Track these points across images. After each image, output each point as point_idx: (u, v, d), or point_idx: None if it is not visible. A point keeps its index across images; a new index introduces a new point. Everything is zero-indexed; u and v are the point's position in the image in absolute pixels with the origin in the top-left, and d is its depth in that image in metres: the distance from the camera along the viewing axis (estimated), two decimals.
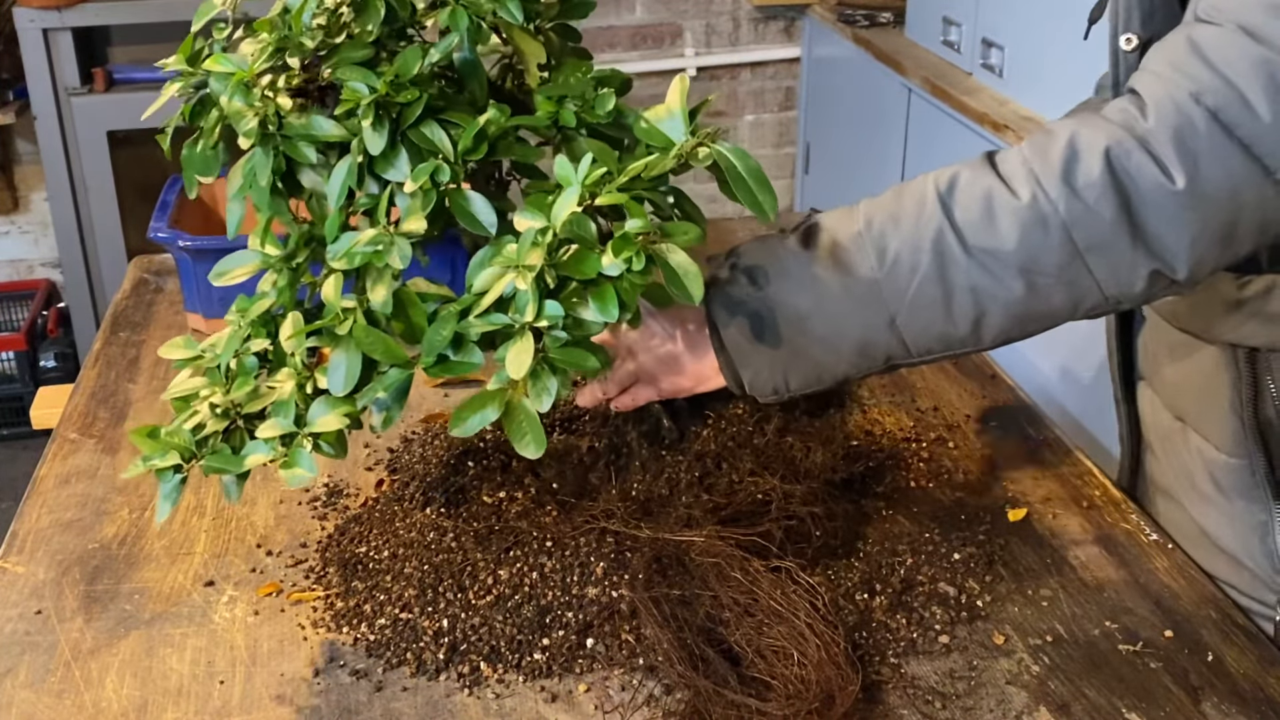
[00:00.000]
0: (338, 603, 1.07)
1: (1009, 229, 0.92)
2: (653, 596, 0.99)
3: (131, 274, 1.78)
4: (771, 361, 1.00)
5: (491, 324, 0.89)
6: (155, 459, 0.92)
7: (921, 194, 0.96)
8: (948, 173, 0.96)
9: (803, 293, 0.98)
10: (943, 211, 0.94)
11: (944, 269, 0.94)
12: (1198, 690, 0.98)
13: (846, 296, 0.97)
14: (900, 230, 0.96)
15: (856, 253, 0.97)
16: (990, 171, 0.94)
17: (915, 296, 0.95)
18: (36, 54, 3.18)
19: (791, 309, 0.98)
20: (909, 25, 3.20)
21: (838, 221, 0.99)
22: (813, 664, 0.94)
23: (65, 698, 0.97)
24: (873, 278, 0.96)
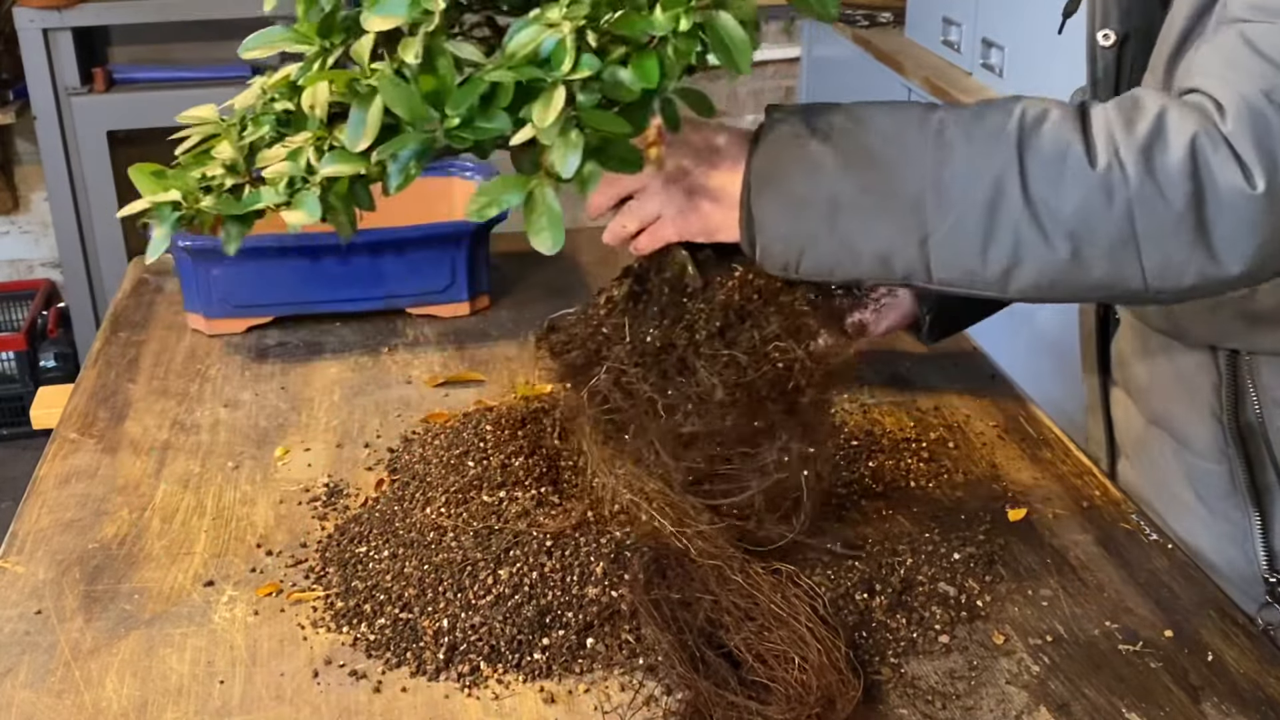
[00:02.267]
0: (338, 603, 1.07)
1: (1073, 190, 0.88)
2: (653, 599, 0.99)
3: (131, 274, 1.78)
4: (789, 236, 0.95)
5: (524, 74, 0.83)
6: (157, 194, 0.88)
7: (1003, 120, 0.90)
8: (1038, 106, 0.91)
9: (844, 181, 0.92)
10: (1018, 147, 0.89)
11: (996, 205, 0.89)
12: (1198, 690, 0.98)
13: (886, 200, 0.91)
14: (970, 147, 0.90)
15: (915, 154, 0.91)
16: (1078, 125, 0.89)
17: (956, 223, 0.90)
18: (36, 54, 3.18)
19: (827, 193, 0.92)
20: (909, 25, 3.20)
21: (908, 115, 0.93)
22: (814, 668, 0.93)
23: (65, 698, 0.97)
24: (920, 190, 0.90)
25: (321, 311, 1.60)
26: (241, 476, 1.27)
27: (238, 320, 1.57)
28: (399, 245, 1.56)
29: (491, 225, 1.60)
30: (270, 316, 1.59)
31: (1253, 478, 1.08)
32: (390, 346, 1.55)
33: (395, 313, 1.62)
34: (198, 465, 1.29)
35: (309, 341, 1.56)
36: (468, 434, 1.26)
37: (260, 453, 1.31)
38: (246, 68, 3.36)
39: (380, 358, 1.53)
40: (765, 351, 0.99)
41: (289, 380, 1.47)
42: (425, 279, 1.59)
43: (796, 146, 0.94)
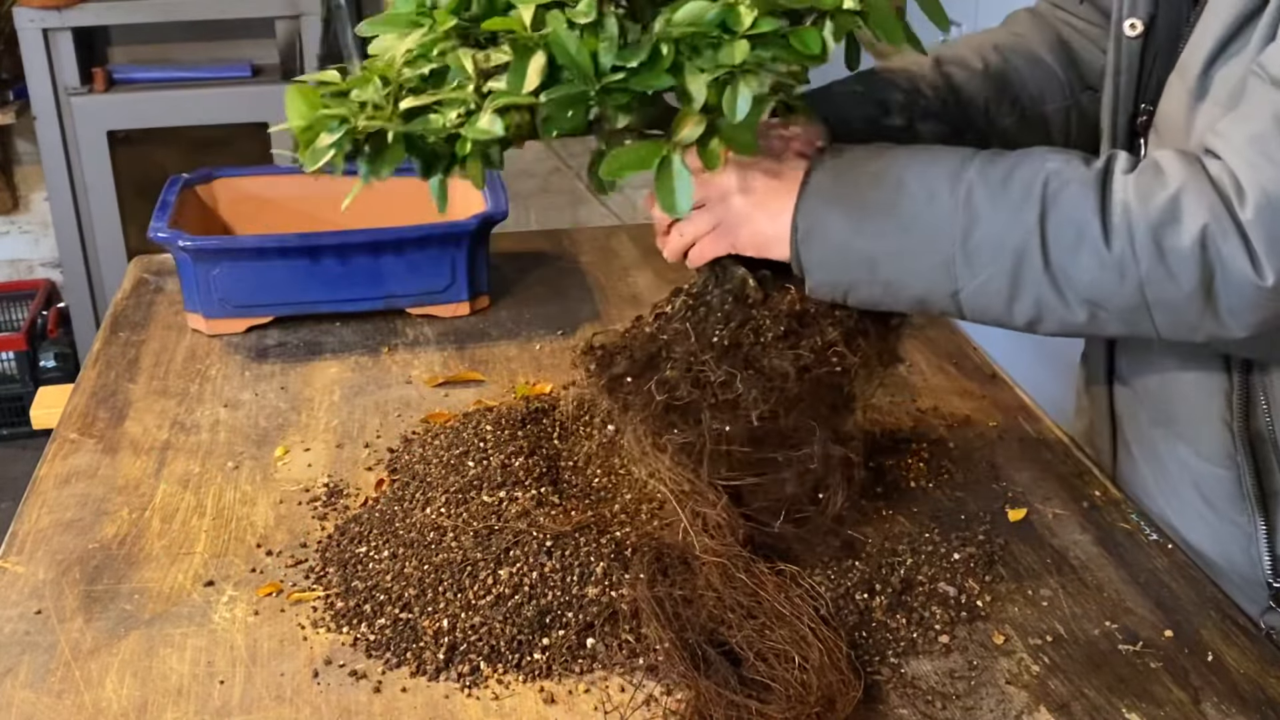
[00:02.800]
0: (338, 603, 1.07)
1: (1089, 265, 0.94)
2: (655, 595, 0.99)
3: (131, 274, 1.78)
4: (833, 281, 1.03)
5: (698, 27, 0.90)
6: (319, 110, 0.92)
7: (1028, 190, 0.96)
8: (1063, 175, 0.96)
9: (880, 241, 1.00)
10: (1040, 218, 0.95)
11: (1019, 271, 0.96)
12: (1198, 690, 0.98)
13: (919, 260, 0.99)
14: (994, 217, 0.96)
15: (945, 220, 0.98)
16: (1096, 197, 0.94)
17: (984, 283, 0.98)
18: (36, 54, 3.19)
19: (866, 250, 1.00)
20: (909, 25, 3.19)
21: (940, 174, 0.99)
22: (814, 668, 0.93)
23: (65, 698, 0.97)
24: (950, 252, 0.98)
25: (321, 311, 1.60)
26: (241, 476, 1.27)
27: (238, 320, 1.57)
28: (399, 245, 1.56)
29: (491, 225, 1.60)
30: (270, 316, 1.59)
31: (1260, 484, 1.08)
32: (390, 346, 1.55)
33: (395, 313, 1.62)
34: (198, 465, 1.29)
35: (309, 341, 1.56)
36: (468, 434, 1.26)
37: (260, 453, 1.31)
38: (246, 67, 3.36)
39: (380, 358, 1.53)
40: (826, 355, 1.05)
41: (289, 380, 1.47)
42: (425, 279, 1.59)
43: (838, 202, 1.01)
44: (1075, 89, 1.27)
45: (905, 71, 1.24)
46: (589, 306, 1.66)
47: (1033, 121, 1.25)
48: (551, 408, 1.32)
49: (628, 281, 1.74)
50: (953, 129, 1.21)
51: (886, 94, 1.21)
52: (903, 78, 1.23)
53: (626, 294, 1.70)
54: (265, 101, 3.28)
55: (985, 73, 1.24)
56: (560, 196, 3.90)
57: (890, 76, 1.23)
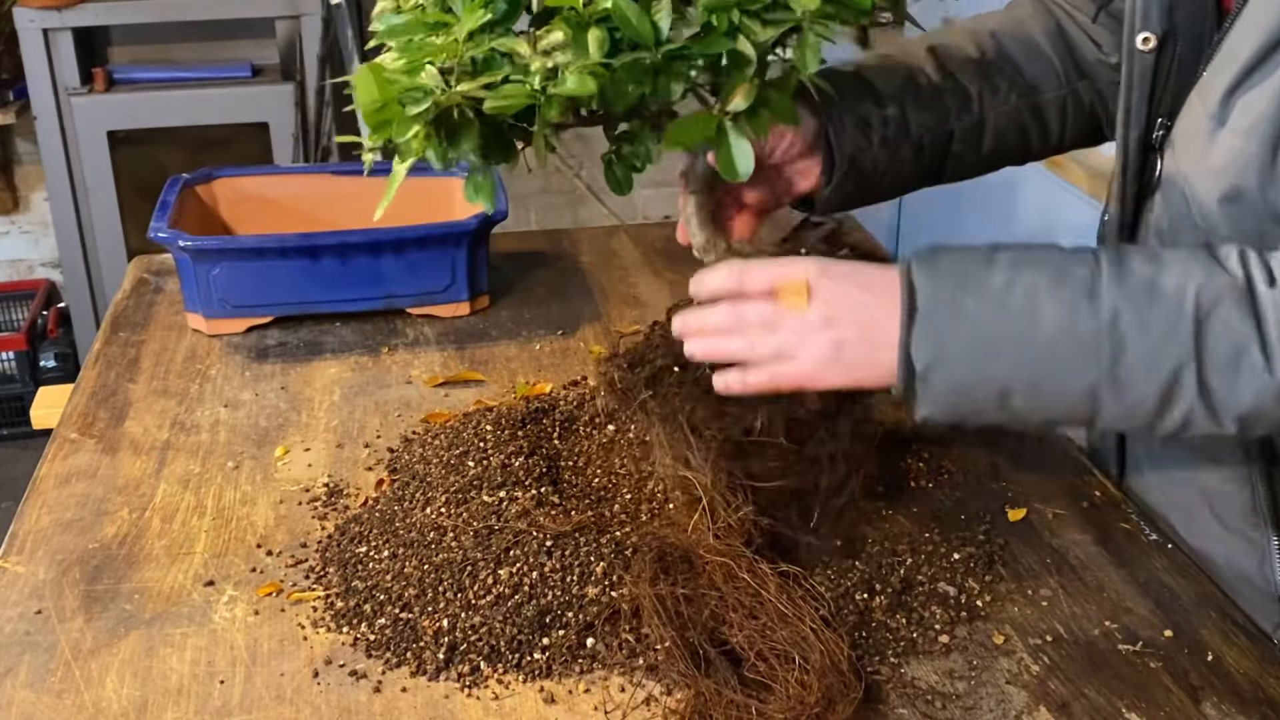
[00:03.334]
0: (338, 603, 1.07)
1: (1248, 388, 0.90)
2: (657, 593, 0.99)
3: (131, 274, 1.78)
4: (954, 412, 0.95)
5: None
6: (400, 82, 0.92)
7: (1178, 311, 0.90)
8: (1210, 289, 0.90)
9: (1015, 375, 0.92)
10: (1195, 343, 0.90)
11: (1171, 393, 0.91)
12: (1198, 690, 0.98)
13: (1060, 393, 0.92)
14: (1145, 343, 0.90)
15: (1089, 348, 0.91)
16: (1250, 317, 0.89)
17: (1130, 406, 0.92)
18: (36, 54, 3.19)
19: (998, 385, 0.93)
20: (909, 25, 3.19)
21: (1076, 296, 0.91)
22: (815, 669, 0.93)
23: (65, 698, 0.97)
24: (1096, 381, 0.91)
25: (321, 311, 1.60)
26: (241, 476, 1.27)
27: (238, 320, 1.57)
28: (399, 245, 1.56)
29: (492, 225, 1.60)
30: (270, 316, 1.59)
31: (1275, 501, 1.07)
32: (390, 346, 1.55)
33: (395, 313, 1.62)
34: (198, 465, 1.29)
35: (309, 341, 1.56)
36: (468, 434, 1.26)
37: (260, 453, 1.31)
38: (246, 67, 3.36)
39: (380, 358, 1.53)
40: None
41: (289, 380, 1.47)
42: (425, 279, 1.59)
43: (960, 333, 0.92)
44: (1072, 78, 1.26)
45: (899, 58, 1.23)
46: (589, 306, 1.66)
47: (1028, 109, 1.25)
48: (551, 408, 1.32)
49: (628, 282, 1.74)
50: (946, 115, 1.21)
51: (880, 80, 1.20)
52: (897, 65, 1.22)
53: (626, 294, 1.70)
54: (265, 101, 3.28)
55: (980, 60, 1.23)
56: (560, 196, 3.90)
57: (884, 63, 1.23)
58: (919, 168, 1.22)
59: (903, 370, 0.93)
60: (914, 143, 1.20)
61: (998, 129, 1.24)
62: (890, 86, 1.20)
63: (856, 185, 1.18)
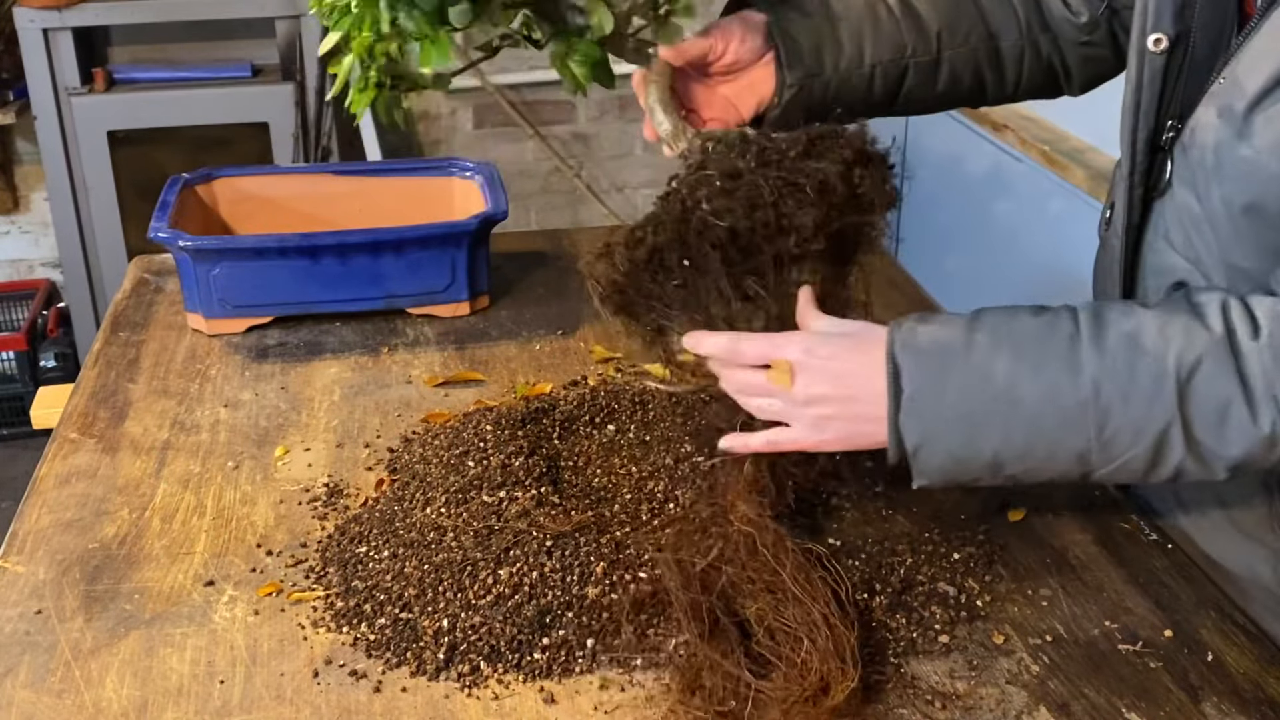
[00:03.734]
0: (338, 603, 1.07)
1: (1237, 440, 0.91)
2: (679, 559, 1.00)
3: (131, 274, 1.78)
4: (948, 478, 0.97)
5: None
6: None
7: (1159, 374, 0.91)
8: (1191, 354, 0.91)
9: (1005, 447, 0.94)
10: (1178, 405, 0.91)
11: (1160, 453, 0.93)
12: (1198, 690, 0.98)
13: (1049, 460, 0.95)
14: (1129, 411, 0.92)
15: (1075, 421, 0.93)
16: (1233, 372, 0.91)
17: (1121, 466, 0.94)
18: (36, 54, 3.19)
19: (989, 456, 0.95)
20: None
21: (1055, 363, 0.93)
22: (818, 652, 0.94)
23: (65, 698, 0.97)
24: (1084, 448, 0.93)
25: (321, 311, 1.60)
26: (241, 476, 1.27)
27: (238, 320, 1.57)
28: (399, 245, 1.56)
29: (492, 225, 1.60)
30: (270, 316, 1.59)
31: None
32: (390, 346, 1.55)
33: (395, 313, 1.62)
34: (198, 465, 1.29)
35: (309, 341, 1.56)
36: (468, 434, 1.26)
37: (260, 453, 1.32)
38: (246, 67, 3.36)
39: (380, 358, 1.53)
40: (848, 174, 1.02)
41: (289, 380, 1.47)
42: (425, 279, 1.59)
43: (945, 415, 0.95)
44: (1034, 29, 1.25)
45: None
46: (589, 306, 1.66)
47: (986, 53, 1.25)
48: (551, 408, 1.32)
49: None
50: (902, 51, 1.21)
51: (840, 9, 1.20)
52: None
53: None
54: (265, 101, 3.28)
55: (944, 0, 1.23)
56: (560, 196, 3.90)
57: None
58: (869, 98, 1.22)
59: (895, 448, 0.96)
60: (866, 74, 1.20)
61: (953, 70, 1.24)
62: (847, 12, 1.20)
63: (805, 108, 1.18)
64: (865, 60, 1.20)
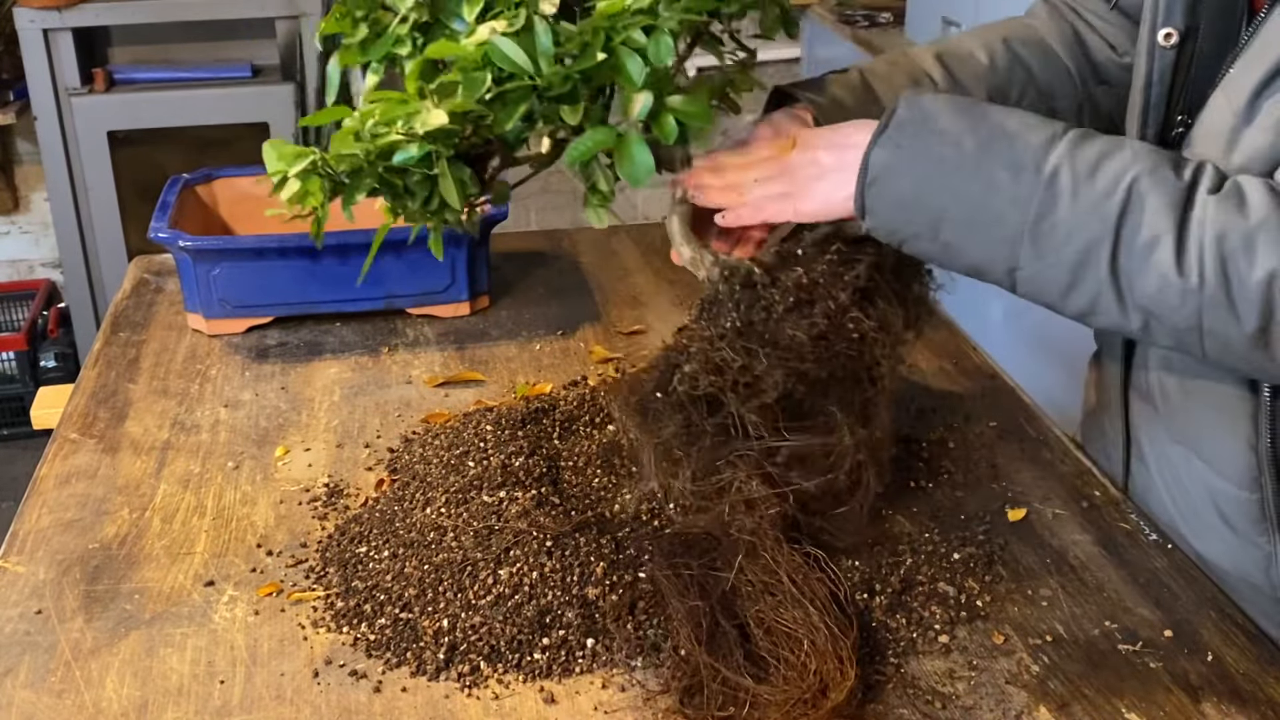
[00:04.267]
0: (338, 603, 1.07)
1: (1154, 278, 0.92)
2: (673, 565, 1.00)
3: (131, 274, 1.78)
4: (894, 229, 1.00)
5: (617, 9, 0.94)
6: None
7: (1112, 187, 0.93)
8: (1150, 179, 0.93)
9: (952, 202, 0.97)
10: (1117, 220, 0.92)
11: (1083, 265, 0.94)
12: (1198, 690, 0.98)
13: (986, 229, 0.96)
14: (1074, 206, 0.93)
15: (1023, 195, 0.94)
16: (1177, 212, 0.91)
17: (1044, 269, 0.95)
18: (36, 54, 3.19)
19: (934, 206, 0.97)
20: (909, 25, 3.20)
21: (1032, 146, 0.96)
22: (817, 653, 0.94)
23: (65, 698, 0.97)
24: (1018, 229, 0.95)
25: (321, 311, 1.60)
26: (242, 476, 1.27)
27: (238, 320, 1.58)
28: (399, 245, 1.56)
29: (492, 225, 1.60)
30: (270, 316, 1.59)
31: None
32: (390, 346, 1.55)
33: (395, 313, 1.62)
34: (198, 465, 1.29)
35: (309, 341, 1.56)
36: (468, 434, 1.26)
37: (260, 453, 1.32)
38: (246, 68, 3.36)
39: (380, 358, 1.53)
40: (841, 321, 1.03)
41: (289, 380, 1.47)
42: (425, 279, 1.59)
43: (914, 153, 0.98)
44: (1089, 83, 1.25)
45: (905, 65, 1.22)
46: (589, 306, 1.66)
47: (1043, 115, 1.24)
48: (551, 408, 1.32)
49: (628, 282, 1.74)
50: None
51: (884, 87, 1.19)
52: (902, 71, 1.21)
53: (626, 294, 1.70)
54: (265, 101, 3.28)
55: (990, 67, 1.22)
56: (560, 196, 3.90)
57: (888, 67, 1.22)
58: None
59: (860, 176, 0.99)
60: None
61: None
62: (888, 88, 1.19)
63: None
64: None
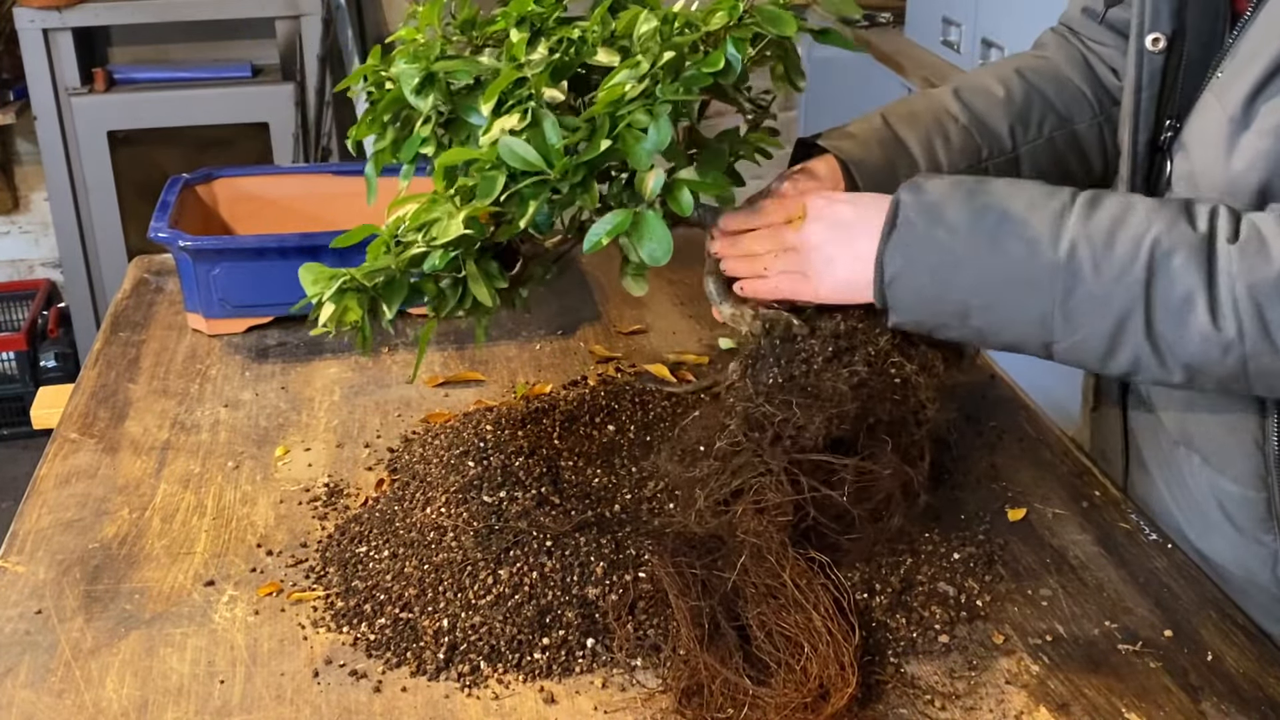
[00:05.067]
0: (338, 603, 1.07)
1: (1193, 337, 0.92)
2: (676, 563, 1.00)
3: (131, 274, 1.78)
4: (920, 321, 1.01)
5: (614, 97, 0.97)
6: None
7: (1134, 252, 0.93)
8: (1169, 238, 0.93)
9: (975, 295, 0.98)
10: (1145, 286, 0.93)
11: (1120, 334, 0.95)
12: (1198, 690, 0.98)
13: (1015, 316, 0.97)
14: (1098, 279, 0.94)
15: (1045, 279, 0.95)
16: (1203, 268, 0.92)
17: (1081, 340, 0.96)
18: (36, 54, 3.19)
19: (958, 300, 0.98)
20: (909, 25, 3.20)
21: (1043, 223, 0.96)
22: (818, 659, 0.94)
23: (65, 697, 0.97)
24: (1048, 310, 0.96)
25: None
26: (242, 476, 1.27)
27: (238, 320, 1.57)
28: None
29: None
30: (270, 316, 1.59)
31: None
32: (390, 346, 1.55)
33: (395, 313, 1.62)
34: (198, 465, 1.29)
35: (309, 341, 1.56)
36: (468, 434, 1.26)
37: (260, 453, 1.32)
38: (247, 67, 3.37)
39: (380, 358, 1.53)
40: (882, 367, 1.05)
41: (289, 380, 1.47)
42: None
43: (927, 248, 0.99)
44: (1105, 104, 1.26)
45: (924, 104, 1.23)
46: (589, 306, 1.66)
47: (1064, 140, 1.25)
48: (551, 408, 1.32)
49: None
50: (977, 155, 1.21)
51: (905, 128, 1.20)
52: (922, 111, 1.22)
53: (626, 294, 1.69)
54: (265, 101, 3.28)
55: (1008, 99, 1.24)
56: None
57: (909, 109, 1.22)
58: None
59: (877, 277, 1.01)
60: None
61: (1034, 163, 1.24)
62: (917, 133, 1.20)
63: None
64: (943, 172, 1.19)
